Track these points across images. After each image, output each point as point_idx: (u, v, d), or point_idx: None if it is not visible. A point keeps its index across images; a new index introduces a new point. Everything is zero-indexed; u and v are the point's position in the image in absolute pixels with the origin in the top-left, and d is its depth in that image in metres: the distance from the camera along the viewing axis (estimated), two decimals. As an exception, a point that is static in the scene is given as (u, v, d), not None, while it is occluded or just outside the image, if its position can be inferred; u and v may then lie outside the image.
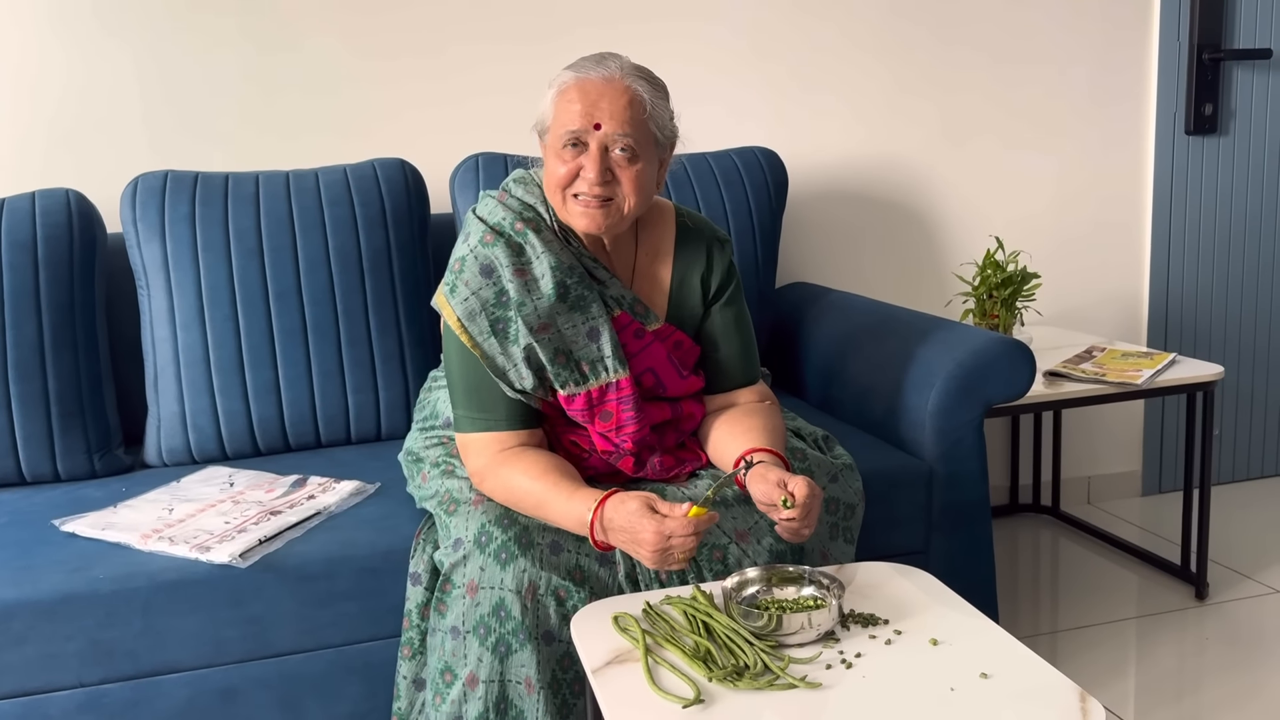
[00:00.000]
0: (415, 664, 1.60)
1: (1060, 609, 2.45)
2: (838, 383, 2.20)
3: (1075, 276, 2.96)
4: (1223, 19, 2.91)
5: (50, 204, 2.02)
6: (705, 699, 1.19)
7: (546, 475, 1.52)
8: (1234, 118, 2.98)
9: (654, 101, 1.54)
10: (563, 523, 1.49)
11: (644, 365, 1.64)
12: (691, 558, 1.40)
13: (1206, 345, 3.06)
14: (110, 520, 1.74)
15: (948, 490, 1.94)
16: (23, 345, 1.93)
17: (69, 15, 2.25)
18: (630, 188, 1.53)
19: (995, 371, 1.94)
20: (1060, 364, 2.43)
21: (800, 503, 1.41)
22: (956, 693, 1.18)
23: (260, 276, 2.05)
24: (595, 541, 1.46)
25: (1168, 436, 3.09)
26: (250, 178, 2.13)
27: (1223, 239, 3.03)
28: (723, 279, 1.70)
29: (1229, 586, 2.52)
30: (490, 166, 2.23)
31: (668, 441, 1.67)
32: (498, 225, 1.59)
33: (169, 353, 2.04)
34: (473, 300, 1.57)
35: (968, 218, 2.86)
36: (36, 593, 1.54)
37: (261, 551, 1.63)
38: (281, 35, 2.35)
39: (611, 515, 1.43)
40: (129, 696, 1.57)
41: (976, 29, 2.79)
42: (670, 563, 1.38)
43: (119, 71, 2.29)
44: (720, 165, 2.38)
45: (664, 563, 1.38)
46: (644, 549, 1.38)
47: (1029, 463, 3.01)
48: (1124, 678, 2.16)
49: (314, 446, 2.10)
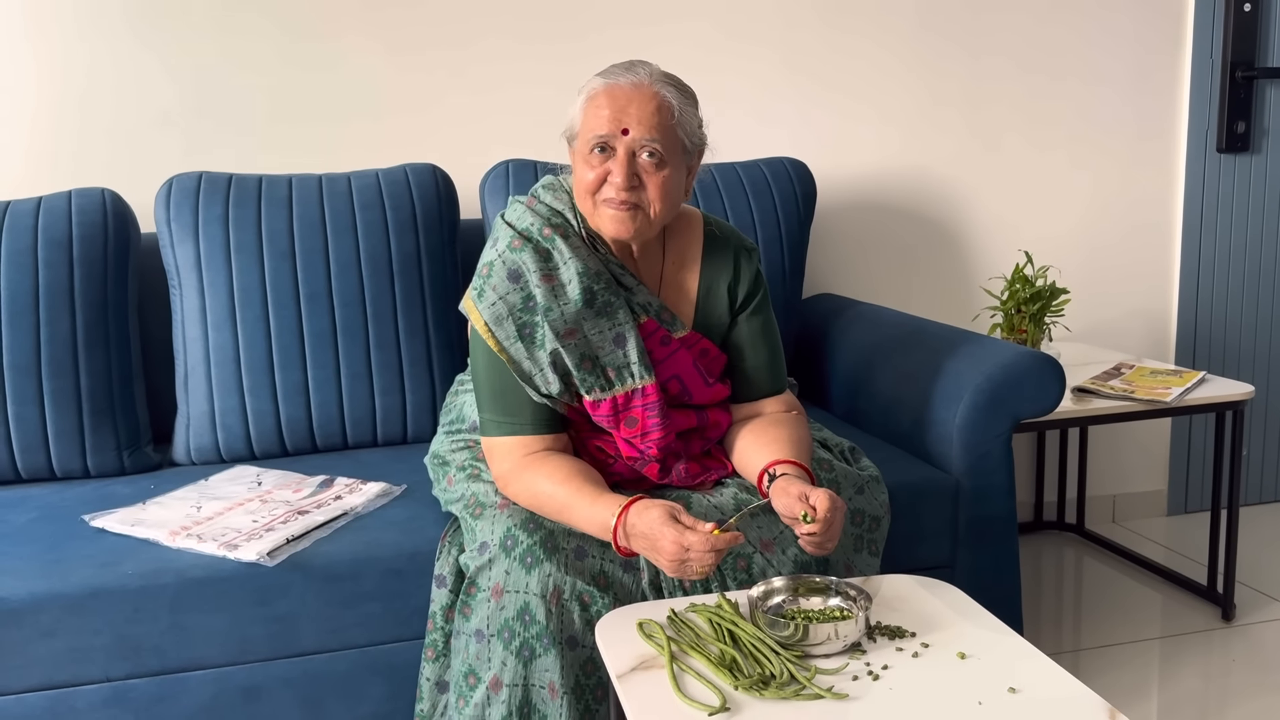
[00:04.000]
0: (439, 666, 1.61)
1: (1084, 627, 2.43)
2: (864, 394, 2.19)
3: (1104, 293, 2.94)
4: (1256, 37, 2.89)
5: (86, 203, 2.04)
6: (731, 707, 1.18)
7: (571, 480, 1.52)
8: (1266, 136, 2.95)
9: (682, 108, 1.55)
10: (586, 527, 1.49)
11: (670, 372, 1.64)
12: (710, 573, 1.40)
13: (1236, 364, 3.03)
14: (139, 516, 1.75)
15: (974, 505, 1.93)
16: (56, 342, 1.95)
17: (104, 16, 2.27)
18: (657, 193, 1.54)
19: (1025, 386, 1.93)
20: (1088, 380, 2.41)
21: (821, 517, 1.40)
22: (984, 707, 1.18)
23: (291, 278, 2.07)
24: (618, 547, 1.47)
25: (1195, 456, 3.06)
26: (283, 180, 2.15)
27: (1253, 257, 3.01)
28: (750, 288, 1.70)
29: (1256, 609, 2.49)
30: (520, 173, 2.24)
31: (693, 449, 1.67)
32: (526, 231, 1.60)
33: (199, 352, 2.05)
34: (500, 305, 1.57)
35: (996, 231, 2.85)
36: (66, 587, 1.56)
37: (289, 550, 1.63)
38: (316, 39, 2.37)
39: (634, 521, 1.43)
40: (155, 692, 1.58)
41: (1006, 43, 2.78)
42: (689, 574, 1.39)
43: (154, 72, 2.31)
44: (749, 175, 2.39)
45: (682, 573, 1.39)
46: (663, 557, 1.39)
47: (1054, 480, 2.99)
48: (1148, 698, 2.14)
49: (341, 448, 2.12)
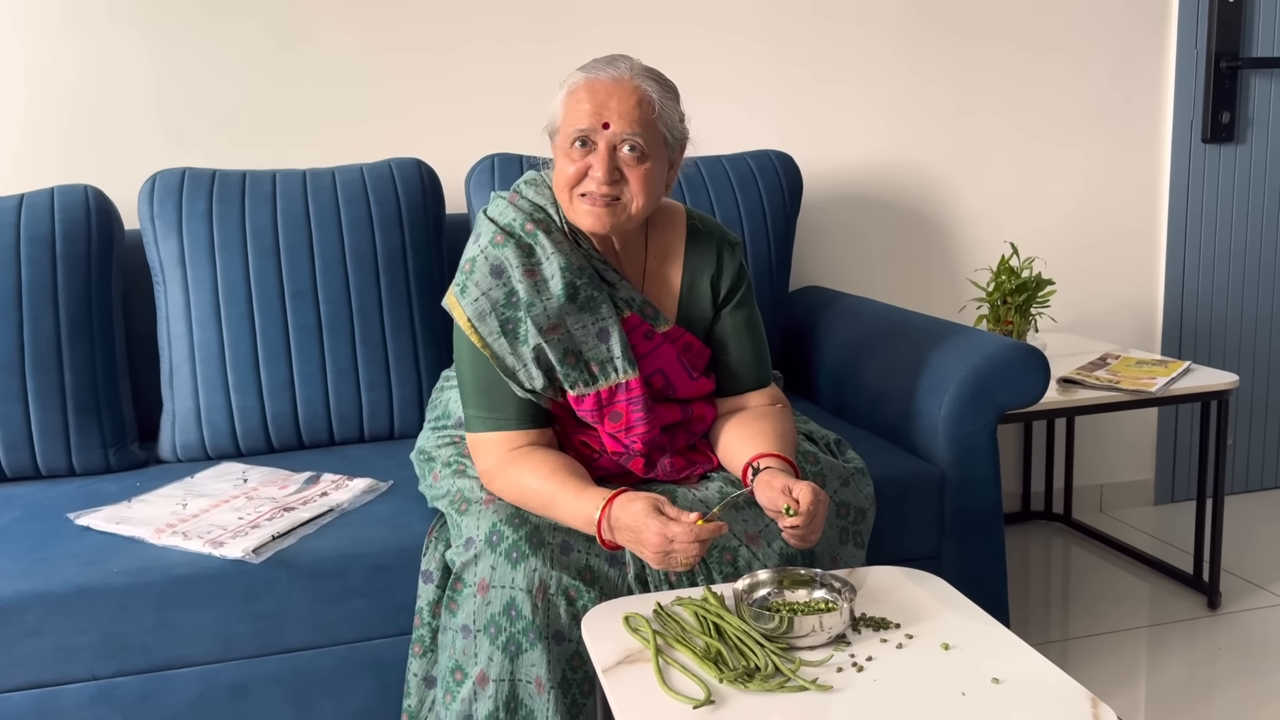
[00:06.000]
0: (426, 662, 1.61)
1: (1071, 617, 2.44)
2: (850, 387, 2.20)
3: (1090, 283, 2.95)
4: (1241, 27, 2.90)
5: (68, 200, 2.03)
6: (716, 700, 1.19)
7: (555, 474, 1.52)
8: (1251, 126, 2.97)
9: (663, 102, 1.55)
10: (571, 521, 1.50)
11: (654, 366, 1.64)
12: (695, 565, 1.40)
13: (1221, 354, 3.05)
14: (124, 515, 1.75)
15: (960, 496, 1.94)
16: (40, 340, 1.94)
17: (86, 12, 2.26)
18: (638, 187, 1.54)
19: (1009, 377, 1.94)
20: (1074, 371, 2.42)
21: (804, 510, 1.41)
22: (968, 697, 1.18)
23: (276, 274, 2.06)
24: (603, 541, 1.47)
25: (1181, 445, 3.08)
26: (267, 176, 2.15)
27: (1239, 247, 3.02)
28: (733, 282, 1.70)
29: (1241, 597, 2.50)
30: (505, 167, 2.23)
31: (678, 443, 1.67)
32: (508, 226, 1.60)
33: (184, 349, 2.05)
34: (483, 301, 1.57)
35: (982, 223, 2.86)
36: (51, 585, 1.55)
37: (274, 547, 1.63)
38: (299, 34, 2.36)
39: (619, 514, 1.43)
40: (141, 690, 1.58)
41: (991, 35, 2.78)
42: (673, 566, 1.39)
43: (136, 68, 2.30)
44: (735, 168, 2.38)
45: (667, 565, 1.39)
46: (647, 549, 1.39)
47: (1041, 470, 3.00)
48: (1135, 686, 2.15)
49: (327, 444, 2.11)
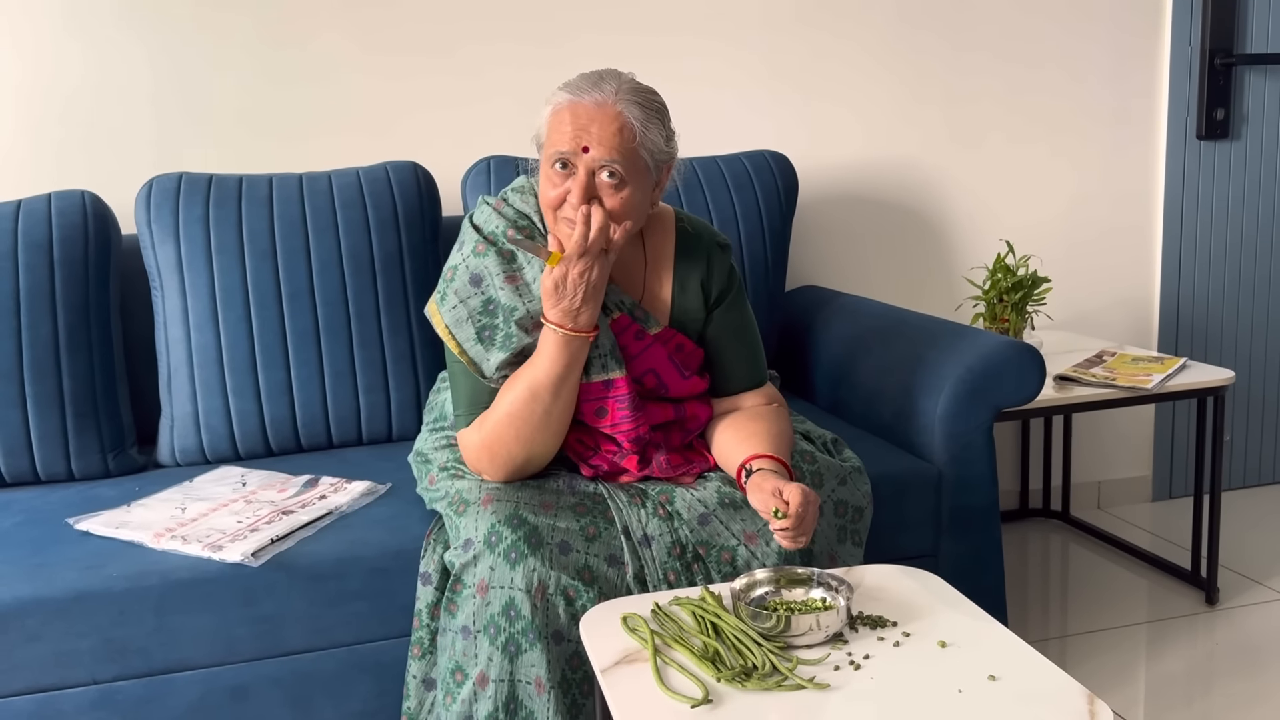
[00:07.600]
0: (425, 663, 1.61)
1: (1070, 614, 2.45)
2: (847, 386, 2.20)
3: (1086, 281, 2.96)
4: (1235, 23, 2.90)
5: (66, 205, 2.03)
6: (714, 699, 1.19)
7: (509, 385, 1.58)
8: (1246, 123, 2.97)
9: (645, 126, 1.52)
10: (552, 370, 1.54)
11: (645, 366, 1.65)
12: (587, 280, 1.50)
13: (1218, 350, 3.05)
14: (124, 519, 1.75)
15: (957, 494, 1.94)
16: (38, 345, 1.94)
17: (83, 17, 2.26)
18: (617, 214, 1.53)
19: (1005, 375, 1.94)
20: (1070, 368, 2.43)
21: (792, 512, 1.41)
22: (964, 695, 1.19)
23: (273, 278, 2.06)
24: (566, 331, 1.52)
25: (1178, 442, 3.08)
26: (264, 180, 2.15)
27: (1234, 244, 3.03)
28: (724, 284, 1.70)
29: (1239, 592, 2.51)
30: (502, 169, 2.24)
31: (673, 441, 1.68)
32: (491, 235, 1.63)
33: (182, 353, 2.05)
34: (460, 308, 1.60)
35: (978, 221, 2.86)
36: (51, 590, 1.56)
37: (273, 551, 1.64)
38: (295, 37, 2.37)
39: (547, 312, 1.53)
40: (141, 694, 1.59)
41: (987, 34, 2.79)
42: (575, 292, 1.50)
43: (133, 73, 2.30)
44: (730, 168, 2.39)
45: (572, 296, 1.50)
46: (554, 293, 1.51)
47: (1039, 467, 3.00)
48: (1133, 683, 2.15)
49: (325, 447, 2.12)
